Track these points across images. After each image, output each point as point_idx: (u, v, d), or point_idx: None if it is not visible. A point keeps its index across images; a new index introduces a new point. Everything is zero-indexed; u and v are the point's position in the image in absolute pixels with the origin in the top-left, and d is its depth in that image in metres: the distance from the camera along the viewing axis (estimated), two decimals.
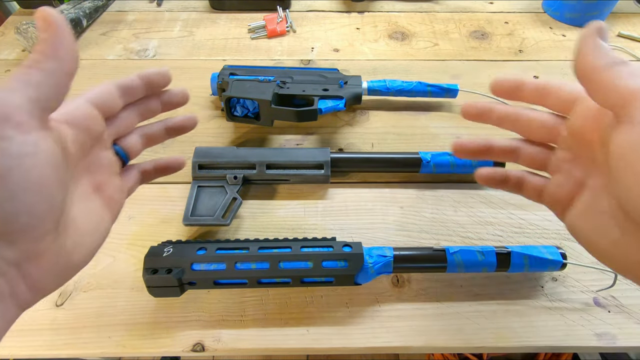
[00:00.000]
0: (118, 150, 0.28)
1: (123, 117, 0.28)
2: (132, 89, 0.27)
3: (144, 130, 0.30)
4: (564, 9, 0.68)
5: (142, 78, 0.28)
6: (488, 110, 0.29)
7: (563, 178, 0.26)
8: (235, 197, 0.42)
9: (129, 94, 0.27)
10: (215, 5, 0.72)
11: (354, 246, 0.36)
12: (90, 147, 0.25)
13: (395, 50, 0.64)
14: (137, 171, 0.30)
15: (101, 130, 0.25)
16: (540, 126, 0.27)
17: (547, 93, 0.26)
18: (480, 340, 0.35)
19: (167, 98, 0.30)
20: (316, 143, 0.51)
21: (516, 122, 0.28)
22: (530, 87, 0.27)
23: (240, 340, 0.35)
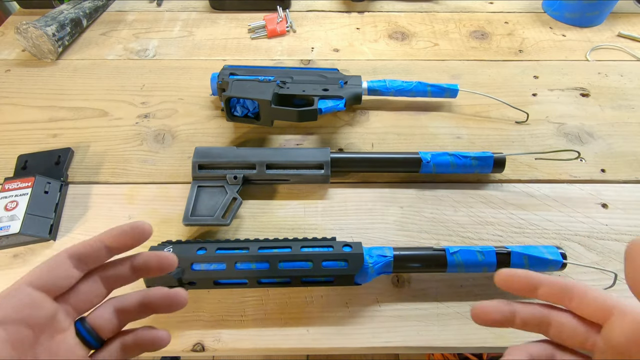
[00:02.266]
0: (81, 331, 0.23)
1: (84, 288, 0.24)
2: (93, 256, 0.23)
3: (117, 303, 0.25)
4: (564, 9, 0.68)
5: (104, 241, 0.24)
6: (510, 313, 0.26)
7: None
8: (235, 197, 0.42)
9: (89, 262, 0.23)
10: (215, 5, 0.72)
11: (354, 246, 0.36)
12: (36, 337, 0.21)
13: (395, 50, 0.64)
14: (118, 346, 0.24)
15: (49, 314, 0.21)
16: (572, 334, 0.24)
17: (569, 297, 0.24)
18: (480, 340, 0.35)
19: (139, 262, 0.25)
20: (316, 143, 0.51)
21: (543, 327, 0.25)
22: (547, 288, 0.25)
23: (240, 340, 0.35)
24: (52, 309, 0.22)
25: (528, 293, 0.26)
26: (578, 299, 0.24)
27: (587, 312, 0.24)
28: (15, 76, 0.59)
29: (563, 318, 0.25)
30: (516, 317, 0.26)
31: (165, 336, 0.25)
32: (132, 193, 0.45)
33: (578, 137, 0.51)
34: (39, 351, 0.21)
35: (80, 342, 0.23)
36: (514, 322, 0.26)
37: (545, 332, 0.26)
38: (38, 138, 0.51)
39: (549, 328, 0.25)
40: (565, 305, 0.25)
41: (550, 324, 0.25)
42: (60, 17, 0.61)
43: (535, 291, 0.25)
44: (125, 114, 0.54)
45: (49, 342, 0.21)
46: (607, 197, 0.45)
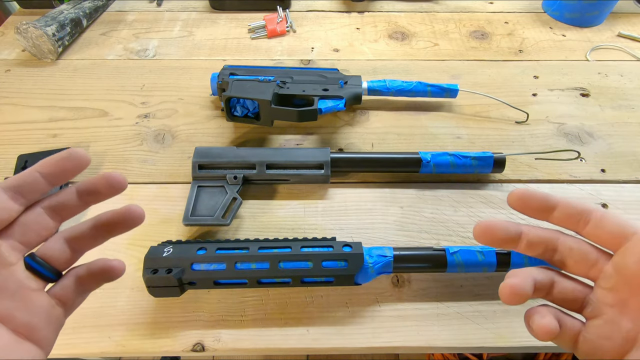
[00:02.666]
0: (31, 264, 0.22)
1: (29, 221, 0.23)
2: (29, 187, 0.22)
3: (67, 232, 0.24)
4: (564, 9, 0.68)
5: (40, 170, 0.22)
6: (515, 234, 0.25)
7: (607, 328, 0.22)
8: (235, 197, 0.42)
9: (26, 194, 0.22)
10: (215, 5, 0.72)
11: (354, 246, 0.36)
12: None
13: (395, 50, 0.64)
14: (72, 279, 0.24)
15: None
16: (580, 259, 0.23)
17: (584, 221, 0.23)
18: (480, 340, 0.35)
19: (83, 188, 0.24)
20: (316, 143, 0.51)
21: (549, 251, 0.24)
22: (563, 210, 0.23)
23: (240, 340, 0.35)
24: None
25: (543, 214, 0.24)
26: (595, 221, 0.23)
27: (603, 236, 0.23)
28: (15, 76, 0.59)
29: (572, 242, 0.24)
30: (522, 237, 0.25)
31: (118, 264, 0.24)
32: (132, 193, 0.45)
33: (578, 137, 0.51)
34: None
35: (33, 275, 0.22)
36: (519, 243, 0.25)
37: (549, 258, 0.25)
38: (38, 138, 0.51)
39: (554, 254, 0.24)
40: (579, 229, 0.24)
41: (556, 249, 0.24)
42: (60, 17, 0.61)
43: (551, 212, 0.24)
44: (125, 114, 0.54)
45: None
46: (607, 197, 0.45)
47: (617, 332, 0.21)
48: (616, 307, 0.22)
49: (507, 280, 0.23)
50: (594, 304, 0.23)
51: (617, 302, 0.22)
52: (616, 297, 0.22)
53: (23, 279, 0.22)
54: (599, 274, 0.23)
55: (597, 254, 0.23)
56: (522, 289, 0.22)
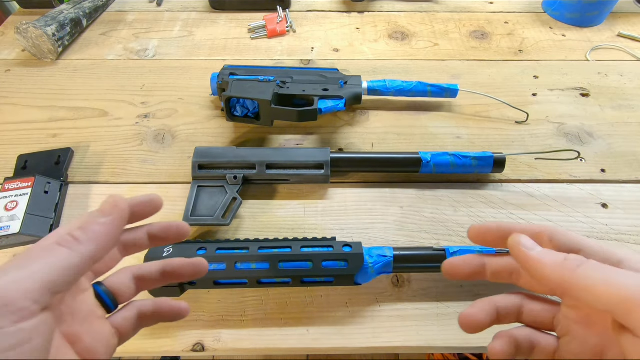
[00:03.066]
0: (99, 292, 0.24)
1: None
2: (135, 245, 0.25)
3: (137, 270, 0.26)
4: (564, 9, 0.68)
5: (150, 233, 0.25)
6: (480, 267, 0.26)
7: (576, 344, 0.22)
8: (235, 197, 0.42)
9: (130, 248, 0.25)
10: (215, 5, 0.72)
11: (354, 246, 0.36)
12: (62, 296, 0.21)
13: (395, 50, 0.64)
14: (134, 312, 0.25)
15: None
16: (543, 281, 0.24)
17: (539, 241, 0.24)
18: (480, 340, 0.35)
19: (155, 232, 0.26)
20: (316, 143, 0.51)
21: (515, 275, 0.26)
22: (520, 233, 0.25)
23: (240, 340, 0.35)
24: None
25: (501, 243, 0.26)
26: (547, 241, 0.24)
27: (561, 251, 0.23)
28: (15, 76, 0.59)
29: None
30: (486, 268, 0.26)
31: (184, 307, 0.26)
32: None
33: (578, 137, 0.51)
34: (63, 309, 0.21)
35: (98, 303, 0.23)
36: (484, 274, 0.26)
37: (517, 282, 0.26)
38: (38, 138, 0.51)
39: (520, 277, 0.26)
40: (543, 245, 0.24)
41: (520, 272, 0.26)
42: (60, 17, 0.61)
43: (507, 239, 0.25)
44: (125, 114, 0.54)
45: (71, 301, 0.22)
46: (607, 197, 0.45)
47: (586, 347, 0.22)
48: (582, 323, 0.23)
49: (466, 310, 0.25)
50: (562, 323, 0.24)
51: (582, 318, 0.23)
52: (580, 314, 0.23)
53: (92, 306, 0.23)
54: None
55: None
56: (477, 319, 0.24)
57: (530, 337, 0.24)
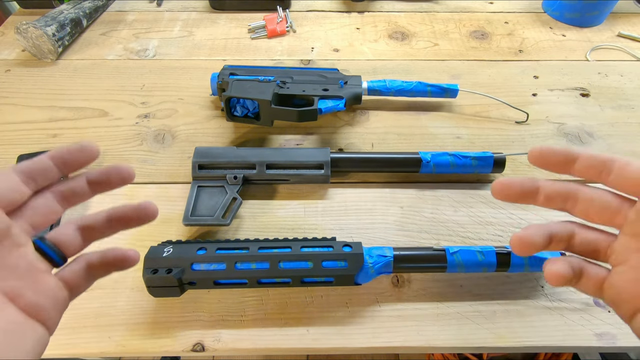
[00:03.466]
0: (42, 246, 0.23)
1: (38, 205, 0.23)
2: (41, 172, 0.23)
3: (81, 220, 0.25)
4: (564, 9, 0.68)
5: (53, 158, 0.23)
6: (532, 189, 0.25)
7: (632, 273, 0.22)
8: (235, 197, 0.42)
9: (38, 178, 0.23)
10: (215, 5, 0.72)
11: (354, 246, 0.36)
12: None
13: (395, 50, 0.64)
14: (82, 264, 0.24)
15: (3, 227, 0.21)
16: (603, 208, 0.23)
17: (607, 170, 0.23)
18: (480, 340, 0.35)
19: (94, 177, 0.25)
20: (316, 143, 0.51)
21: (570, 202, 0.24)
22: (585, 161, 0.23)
23: (240, 340, 0.35)
24: (5, 221, 0.21)
25: (564, 168, 0.24)
26: (618, 170, 0.23)
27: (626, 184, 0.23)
28: (15, 76, 0.59)
29: (593, 193, 0.24)
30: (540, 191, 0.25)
31: (134, 254, 0.25)
32: (132, 193, 0.45)
33: (578, 137, 0.51)
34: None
35: (42, 257, 0.23)
36: (536, 197, 0.25)
37: (570, 209, 0.25)
38: (38, 138, 0.51)
39: (576, 205, 0.24)
40: (602, 179, 0.23)
41: (577, 200, 0.24)
42: (60, 17, 0.61)
43: (572, 165, 0.24)
44: (125, 114, 0.54)
45: (6, 256, 0.21)
46: None
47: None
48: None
49: (519, 231, 0.24)
50: (618, 251, 0.23)
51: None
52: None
53: (33, 260, 0.22)
54: (623, 221, 0.23)
55: (620, 202, 0.23)
56: (531, 239, 0.23)
57: (580, 265, 0.23)
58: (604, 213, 0.23)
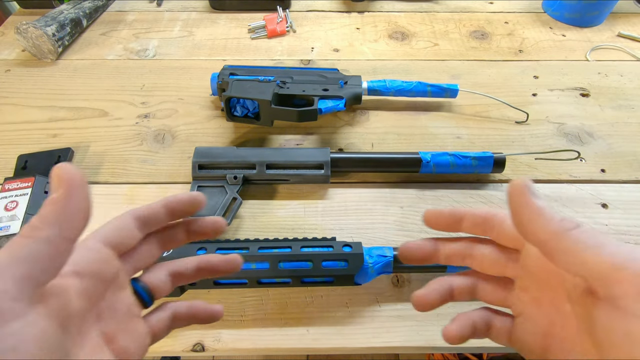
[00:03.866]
0: (138, 289, 0.23)
1: (143, 249, 0.24)
2: (154, 220, 0.24)
3: (173, 266, 0.25)
4: (564, 9, 0.68)
5: (166, 207, 0.24)
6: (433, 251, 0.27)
7: (528, 324, 0.23)
8: (235, 197, 0.42)
9: (150, 225, 0.24)
10: (215, 5, 0.72)
11: (354, 246, 0.36)
12: (104, 292, 0.21)
13: (395, 50, 0.64)
14: (169, 313, 0.25)
15: (115, 271, 0.22)
16: (494, 262, 0.25)
17: (490, 227, 0.25)
18: (481, 340, 0.35)
19: (195, 228, 0.26)
20: (316, 143, 0.51)
21: (468, 259, 0.26)
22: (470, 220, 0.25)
23: (240, 340, 0.35)
24: (117, 266, 0.22)
25: (454, 227, 0.26)
26: (498, 226, 0.24)
27: (506, 239, 0.24)
28: (15, 76, 0.59)
29: (484, 249, 0.26)
30: (439, 252, 0.27)
31: (218, 309, 0.26)
32: (132, 193, 0.45)
33: (578, 137, 0.51)
34: (103, 305, 0.21)
35: (136, 301, 0.23)
36: (438, 258, 0.27)
37: (469, 265, 0.26)
38: (38, 138, 0.51)
39: (473, 260, 0.26)
40: (488, 234, 0.25)
41: (472, 256, 0.26)
42: (60, 17, 0.61)
43: (460, 224, 0.26)
44: (125, 114, 0.54)
45: (112, 298, 0.22)
46: (607, 197, 0.45)
47: (536, 327, 0.22)
48: (532, 304, 0.23)
49: (419, 290, 0.25)
50: (515, 303, 0.24)
51: (532, 299, 0.23)
52: (529, 295, 0.23)
53: (130, 304, 0.23)
54: (513, 273, 0.25)
55: (507, 256, 0.25)
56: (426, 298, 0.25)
57: (486, 319, 0.25)
58: (496, 267, 0.25)
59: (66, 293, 0.19)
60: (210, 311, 0.25)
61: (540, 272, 0.23)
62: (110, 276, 0.22)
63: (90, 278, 0.20)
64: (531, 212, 0.21)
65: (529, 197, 0.21)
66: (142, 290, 0.23)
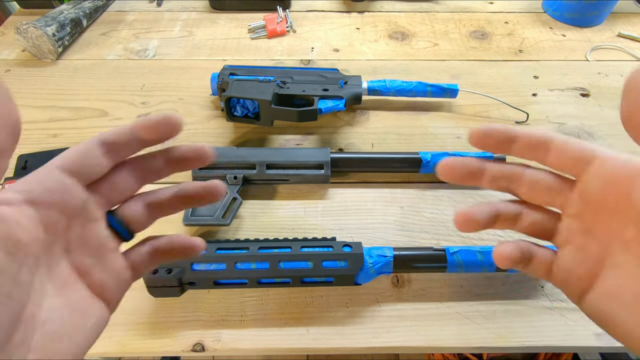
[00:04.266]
0: (113, 223, 0.22)
1: (116, 179, 0.22)
2: (122, 145, 0.22)
3: (149, 197, 0.24)
4: (564, 9, 0.68)
5: (136, 129, 0.22)
6: (478, 169, 0.25)
7: (577, 254, 0.22)
8: (235, 197, 0.42)
9: (119, 151, 0.22)
10: (215, 5, 0.72)
11: (354, 246, 0.36)
12: (68, 224, 0.20)
13: (395, 50, 0.64)
14: (148, 248, 0.24)
15: (81, 202, 0.20)
16: (546, 189, 0.23)
17: (546, 149, 0.23)
18: (480, 340, 0.35)
19: (174, 155, 0.24)
20: (316, 143, 0.51)
21: (514, 183, 0.24)
22: (525, 140, 0.23)
23: (240, 340, 0.35)
24: (83, 196, 0.21)
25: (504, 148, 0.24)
26: (557, 149, 0.23)
27: (566, 162, 0.23)
28: (15, 76, 0.59)
29: (537, 174, 0.24)
30: (485, 172, 0.25)
31: (200, 243, 0.24)
32: None
33: (578, 137, 0.51)
34: (71, 237, 0.20)
35: (112, 233, 0.22)
36: (481, 178, 0.25)
37: (515, 191, 0.25)
38: (38, 138, 0.51)
39: (520, 186, 0.25)
40: (542, 159, 0.23)
41: (521, 181, 0.24)
42: (60, 17, 0.61)
43: (512, 145, 0.24)
44: (125, 114, 0.54)
45: (81, 230, 0.21)
46: None
47: (586, 256, 0.22)
48: (583, 233, 0.22)
49: (464, 207, 0.24)
50: (563, 232, 0.23)
51: (584, 228, 0.22)
52: (582, 223, 0.22)
53: (104, 237, 0.22)
54: (565, 201, 0.23)
55: (561, 183, 0.23)
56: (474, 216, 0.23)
57: (530, 249, 0.24)
58: (547, 194, 0.23)
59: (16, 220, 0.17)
60: (190, 243, 0.24)
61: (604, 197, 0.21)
62: (75, 207, 0.20)
63: (48, 207, 0.19)
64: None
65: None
66: (117, 224, 0.22)
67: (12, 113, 0.17)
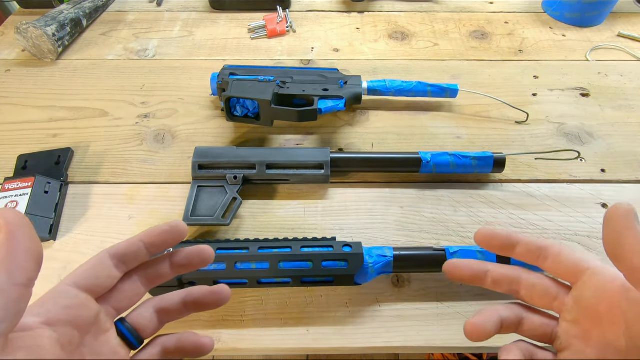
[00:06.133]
0: (122, 330, 0.23)
1: (124, 287, 0.23)
2: (133, 256, 0.23)
3: (158, 303, 0.25)
4: (564, 9, 0.68)
5: (145, 241, 0.23)
6: (482, 272, 0.27)
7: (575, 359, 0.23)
8: (235, 197, 0.42)
9: (128, 262, 0.23)
10: (215, 5, 0.72)
11: (354, 246, 0.36)
12: (82, 338, 0.21)
13: (395, 50, 0.64)
14: (158, 349, 0.24)
15: (94, 315, 0.21)
16: (543, 294, 0.25)
17: (544, 256, 0.25)
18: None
19: (178, 259, 0.25)
20: (316, 143, 0.51)
21: (515, 286, 0.26)
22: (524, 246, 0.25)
23: (240, 340, 0.35)
24: (96, 309, 0.22)
25: (506, 251, 0.26)
26: (553, 257, 0.24)
27: (560, 271, 0.24)
28: (15, 76, 0.59)
29: (534, 279, 0.25)
30: (488, 275, 0.27)
31: (209, 342, 0.25)
32: (132, 193, 0.45)
33: (578, 137, 0.51)
34: (85, 352, 0.21)
35: (122, 342, 0.23)
36: (485, 280, 0.27)
37: (516, 293, 0.26)
38: (38, 138, 0.51)
39: (520, 289, 0.26)
40: (540, 264, 0.25)
41: (520, 285, 0.26)
42: (60, 17, 0.61)
43: (513, 249, 0.26)
44: (125, 114, 0.54)
45: (93, 343, 0.21)
46: (607, 197, 0.45)
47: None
48: (581, 338, 0.23)
49: (472, 318, 0.25)
50: (561, 337, 0.24)
51: (581, 334, 0.23)
52: (579, 329, 0.23)
53: (115, 346, 0.22)
54: (562, 306, 0.24)
55: (558, 288, 0.25)
56: (483, 327, 0.25)
57: (531, 352, 0.25)
58: (544, 299, 0.25)
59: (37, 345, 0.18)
60: (199, 343, 0.25)
61: (597, 306, 0.22)
62: (88, 321, 0.21)
63: (64, 326, 0.20)
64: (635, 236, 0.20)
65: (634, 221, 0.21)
66: (127, 332, 0.23)
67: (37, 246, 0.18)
